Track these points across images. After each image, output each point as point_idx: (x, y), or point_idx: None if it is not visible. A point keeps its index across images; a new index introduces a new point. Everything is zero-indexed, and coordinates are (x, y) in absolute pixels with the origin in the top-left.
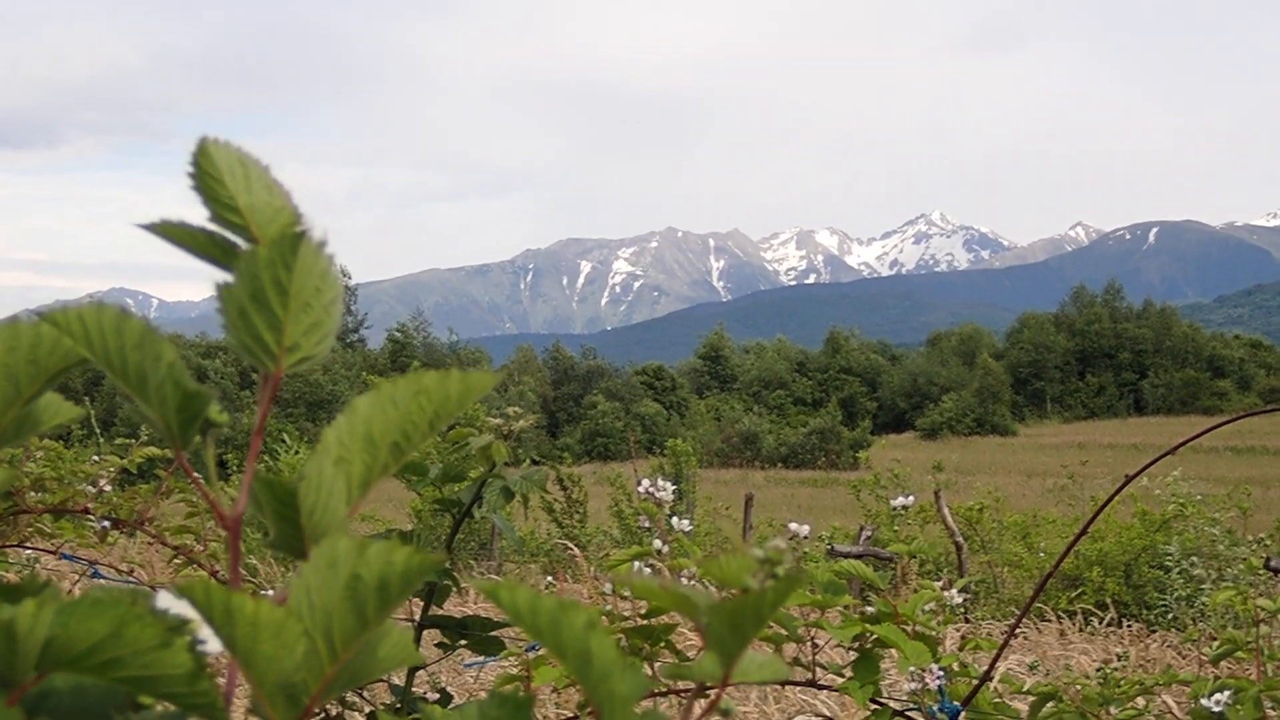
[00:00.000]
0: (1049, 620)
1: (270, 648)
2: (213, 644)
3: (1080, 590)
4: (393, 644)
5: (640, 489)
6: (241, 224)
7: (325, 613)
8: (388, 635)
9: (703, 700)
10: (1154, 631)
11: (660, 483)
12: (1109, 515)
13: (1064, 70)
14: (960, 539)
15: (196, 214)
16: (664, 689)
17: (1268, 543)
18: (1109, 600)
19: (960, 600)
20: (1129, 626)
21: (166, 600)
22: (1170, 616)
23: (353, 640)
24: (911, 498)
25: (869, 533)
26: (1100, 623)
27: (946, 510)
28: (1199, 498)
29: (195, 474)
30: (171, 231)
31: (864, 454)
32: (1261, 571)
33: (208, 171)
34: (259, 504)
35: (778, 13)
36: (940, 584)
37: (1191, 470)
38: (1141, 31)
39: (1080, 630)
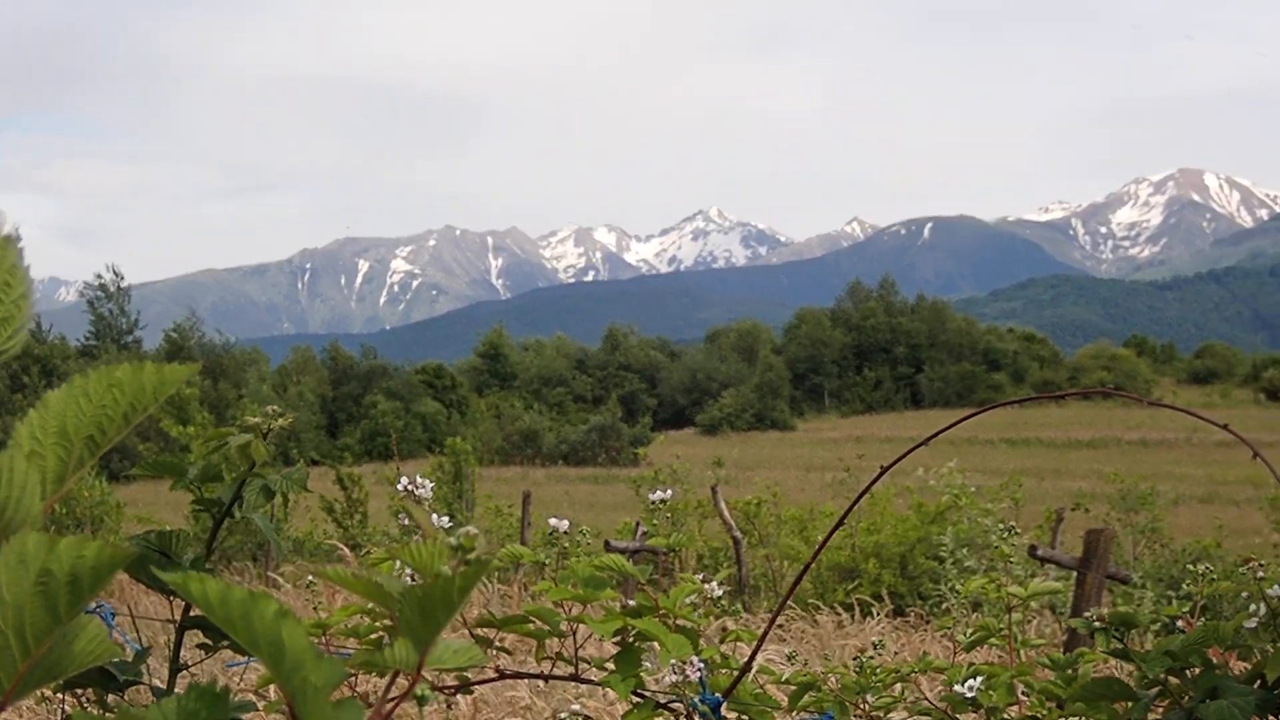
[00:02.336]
0: (825, 612)
1: None
2: None
3: (857, 582)
4: (89, 639)
5: (399, 487)
6: None
7: (17, 608)
8: (84, 630)
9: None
10: (929, 622)
11: (420, 480)
12: (885, 508)
13: (840, 69)
14: (738, 533)
15: None
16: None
17: (1018, 531)
18: (885, 591)
19: (720, 593)
20: (905, 617)
21: None
22: (945, 606)
23: (45, 635)
24: (669, 492)
25: (645, 529)
26: (877, 614)
27: (724, 505)
28: (973, 489)
29: None
30: None
31: (643, 450)
32: (1014, 560)
33: None
34: None
35: (558, 11)
36: (701, 577)
37: (967, 462)
38: (917, 30)
39: (855, 621)
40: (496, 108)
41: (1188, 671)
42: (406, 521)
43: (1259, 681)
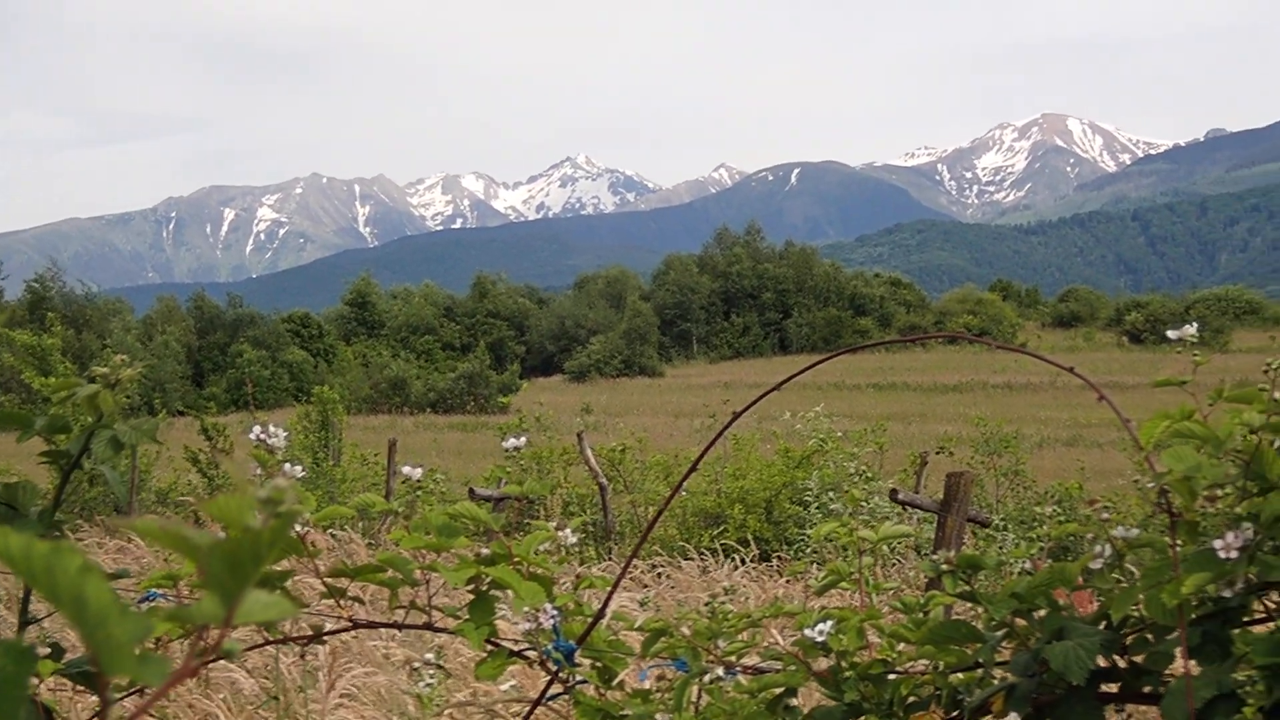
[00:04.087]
0: (692, 558)
1: None
2: None
3: (722, 528)
4: None
5: (252, 436)
6: None
7: None
8: None
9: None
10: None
11: (272, 429)
12: (751, 453)
13: (706, 14)
14: (603, 480)
15: None
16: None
17: (875, 476)
18: (750, 537)
19: (574, 540)
20: (771, 563)
21: None
22: (810, 551)
23: None
24: (524, 439)
25: (504, 477)
26: (743, 560)
27: (589, 452)
28: (840, 434)
29: None
30: None
31: (510, 398)
32: (869, 504)
33: None
34: None
35: None
36: (555, 524)
37: (834, 407)
38: None
39: (721, 567)
40: (364, 54)
41: (1035, 614)
42: (259, 472)
43: (1104, 622)
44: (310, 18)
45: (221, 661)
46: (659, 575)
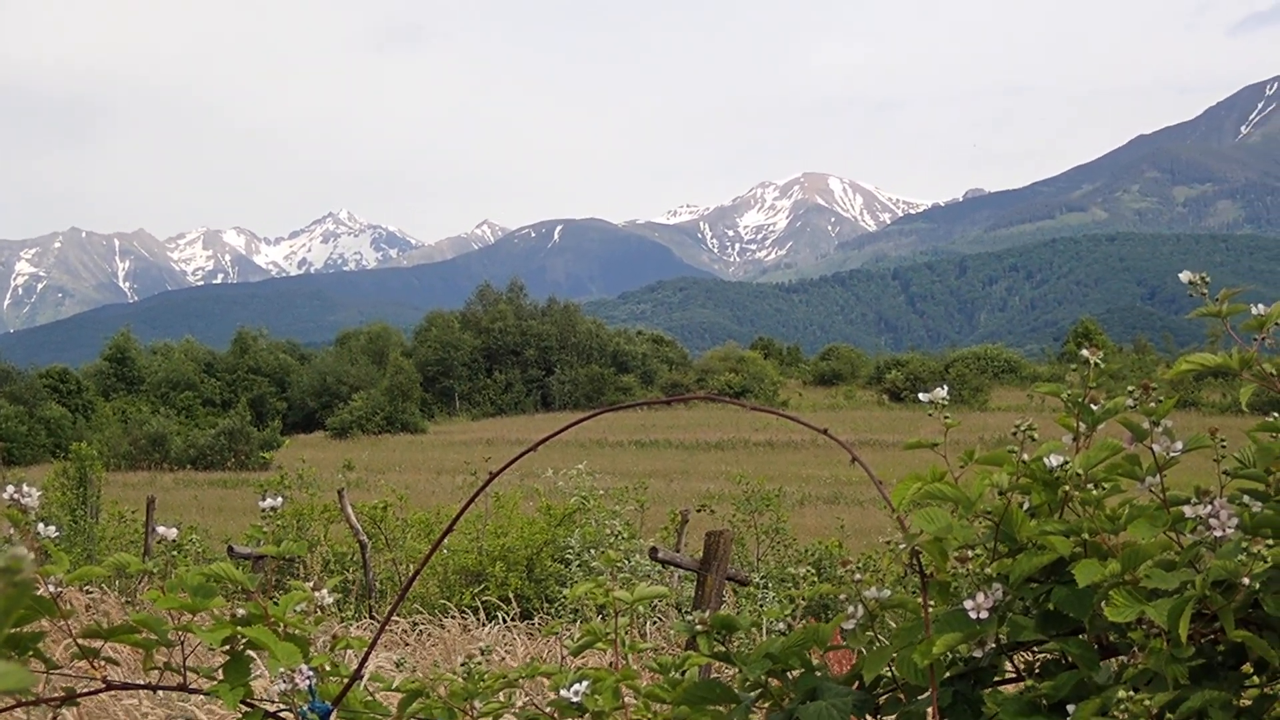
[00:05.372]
0: (453, 616)
1: None
2: None
3: (484, 585)
4: None
5: (5, 495)
6: None
7: None
8: None
9: None
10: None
11: (25, 489)
12: (513, 511)
13: (471, 72)
14: (364, 538)
15: None
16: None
17: (629, 533)
18: (512, 595)
19: (330, 600)
20: (533, 620)
21: None
22: (571, 609)
23: None
24: (280, 499)
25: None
26: (504, 617)
27: (350, 509)
28: (602, 492)
29: None
30: None
31: (270, 454)
32: (626, 561)
33: None
34: None
35: (186, 9)
36: (310, 584)
37: (597, 464)
38: (547, 34)
39: (482, 625)
40: (122, 108)
41: (789, 674)
42: (12, 532)
43: (857, 682)
44: (68, 67)
45: None
46: (420, 634)
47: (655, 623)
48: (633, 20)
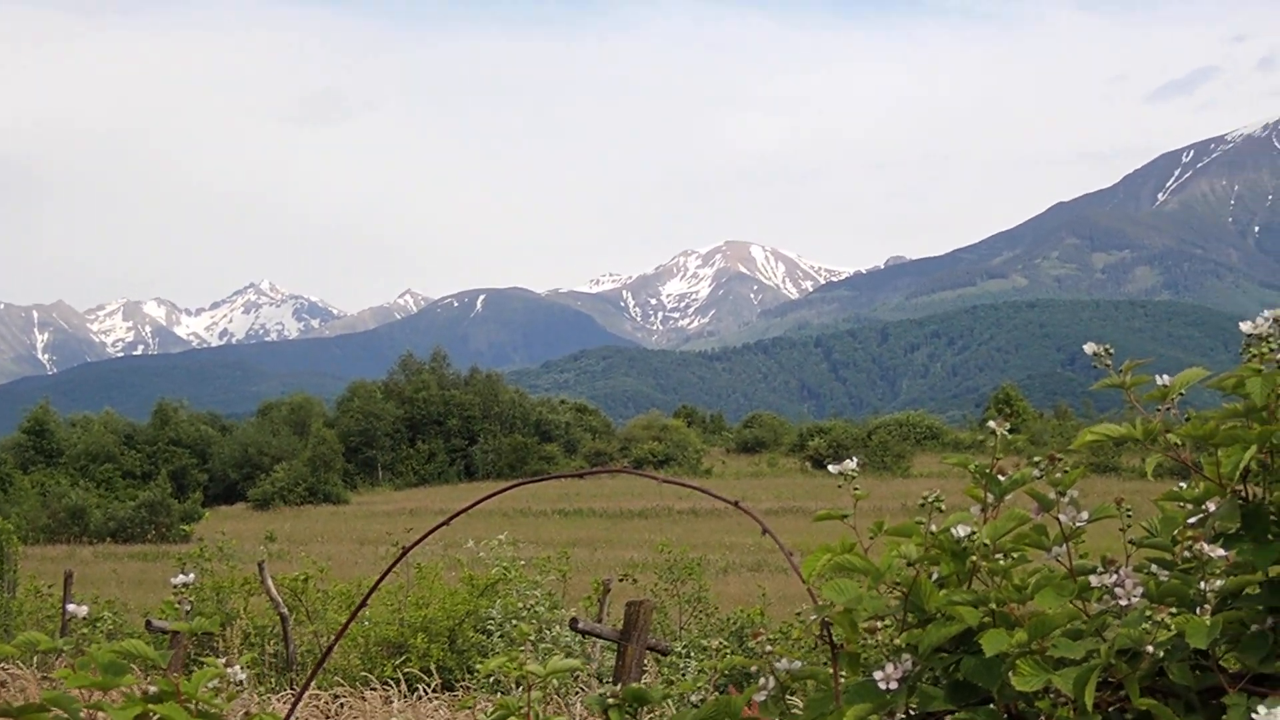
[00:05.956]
0: (375, 688)
1: None
2: None
3: (405, 657)
4: None
5: None
6: None
7: None
8: None
9: None
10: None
11: None
12: (435, 581)
13: (395, 142)
14: (284, 610)
15: None
16: None
17: (551, 603)
18: (434, 666)
19: (244, 677)
20: (455, 692)
21: None
22: (491, 681)
23: None
24: (192, 575)
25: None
26: (426, 689)
27: (270, 581)
28: (524, 562)
29: None
30: None
31: (190, 527)
32: (546, 632)
33: None
34: None
35: (106, 79)
36: (224, 661)
37: (520, 534)
38: (472, 106)
39: (404, 697)
40: (41, 178)
41: None
42: None
43: None
44: None
45: None
46: (341, 706)
47: (578, 692)
48: (557, 92)
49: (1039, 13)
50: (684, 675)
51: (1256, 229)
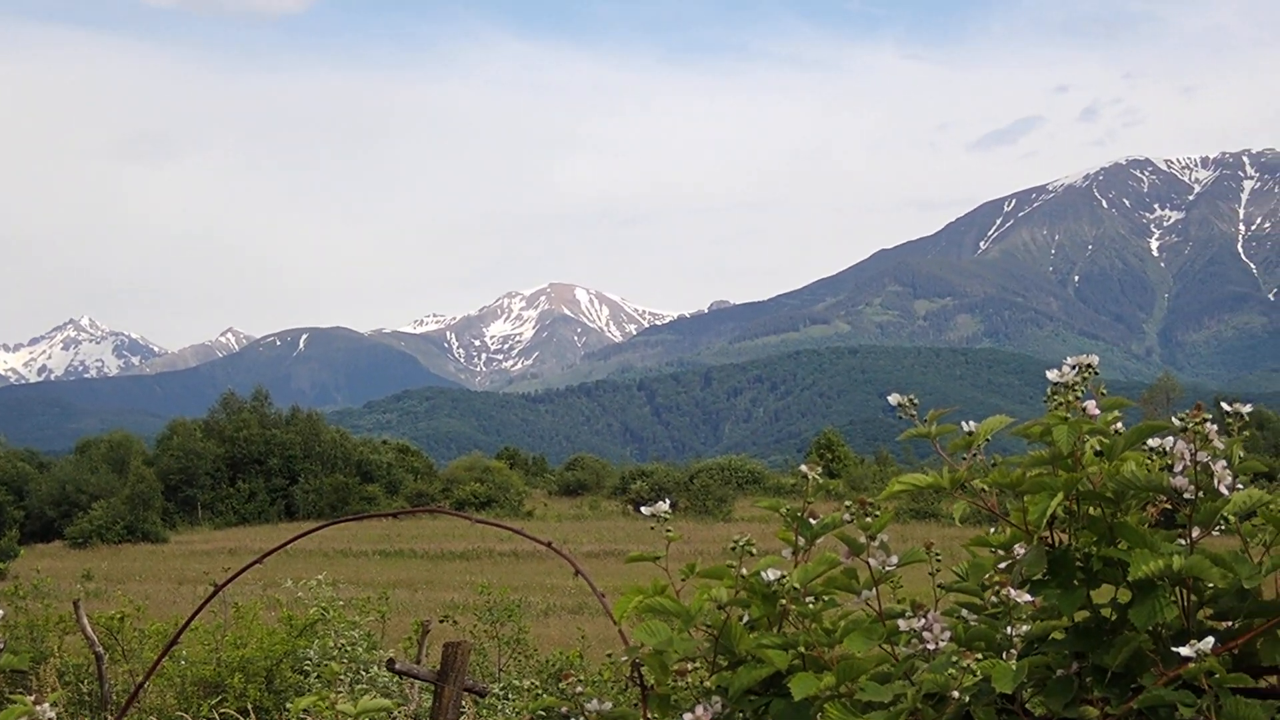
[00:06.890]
0: None
1: None
2: None
3: (222, 697)
4: None
5: None
6: None
7: None
8: None
9: None
10: None
11: None
12: (253, 621)
13: (218, 180)
14: (100, 649)
15: None
16: None
17: (368, 644)
18: (250, 706)
19: (53, 715)
20: None
21: None
22: None
23: None
24: (2, 612)
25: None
26: None
27: (85, 620)
28: (343, 602)
29: None
30: None
31: (5, 565)
32: (365, 672)
33: None
34: None
35: None
36: (33, 699)
37: (340, 574)
38: (295, 145)
39: None
40: None
41: None
42: None
43: None
44: None
45: None
46: None
47: None
48: (386, 133)
49: (868, 63)
50: (500, 716)
51: (1076, 278)
